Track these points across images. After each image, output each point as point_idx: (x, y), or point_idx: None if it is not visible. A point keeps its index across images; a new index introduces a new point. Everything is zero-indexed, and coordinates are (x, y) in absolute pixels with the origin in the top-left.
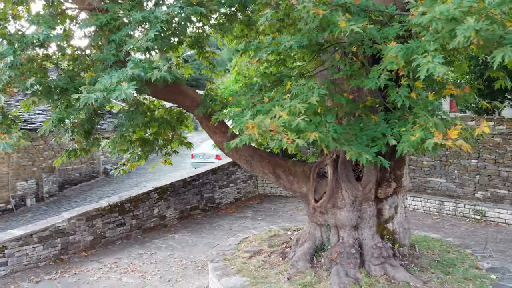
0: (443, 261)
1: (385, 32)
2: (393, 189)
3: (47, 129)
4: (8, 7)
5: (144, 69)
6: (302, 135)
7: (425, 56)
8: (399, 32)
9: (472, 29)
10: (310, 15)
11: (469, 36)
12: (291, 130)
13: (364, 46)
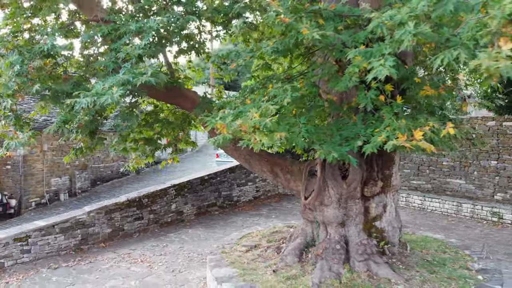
0: (434, 261)
1: (356, 36)
2: (380, 188)
3: (52, 130)
4: (21, 20)
5: (135, 75)
6: (270, 134)
7: (380, 59)
8: (369, 36)
9: (410, 33)
10: (276, 23)
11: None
12: (260, 130)
13: (334, 51)
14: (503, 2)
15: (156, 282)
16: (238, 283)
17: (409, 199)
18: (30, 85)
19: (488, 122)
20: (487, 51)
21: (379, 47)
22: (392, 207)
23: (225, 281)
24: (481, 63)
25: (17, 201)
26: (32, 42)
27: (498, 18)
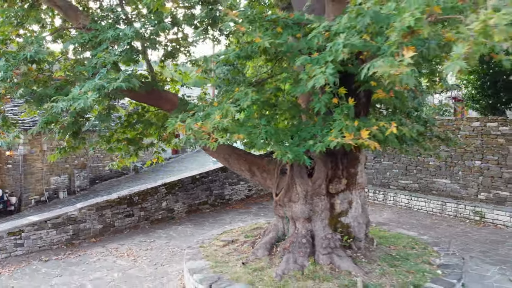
0: (397, 256)
1: (309, 43)
2: (345, 185)
3: (35, 131)
4: (8, 29)
5: (108, 81)
6: (230, 135)
7: (322, 66)
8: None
9: (340, 44)
10: (234, 32)
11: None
12: (218, 130)
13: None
14: (403, 15)
15: (138, 274)
16: (208, 274)
17: (396, 198)
18: (16, 89)
19: (473, 122)
20: (389, 59)
21: (323, 55)
22: (358, 204)
23: (196, 272)
24: (382, 69)
25: (17, 199)
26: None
27: (397, 30)
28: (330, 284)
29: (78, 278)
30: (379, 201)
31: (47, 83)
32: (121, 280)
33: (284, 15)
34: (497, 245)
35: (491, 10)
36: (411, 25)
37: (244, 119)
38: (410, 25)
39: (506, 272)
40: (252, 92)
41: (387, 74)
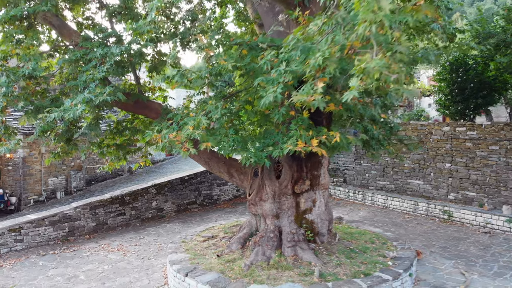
0: (356, 249)
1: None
2: (309, 186)
3: (32, 138)
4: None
5: (96, 95)
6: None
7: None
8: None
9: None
10: (203, 55)
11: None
12: (191, 140)
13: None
14: (316, 55)
15: (126, 266)
16: (185, 265)
17: (374, 198)
18: (16, 102)
19: (443, 127)
20: (305, 90)
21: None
22: (322, 202)
23: (176, 263)
24: (297, 98)
25: (17, 199)
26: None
27: (311, 66)
28: (291, 273)
29: (72, 270)
30: (358, 200)
31: (43, 95)
32: (111, 272)
33: (248, 39)
34: (458, 241)
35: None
36: (320, 63)
37: (216, 129)
38: (319, 63)
39: (459, 266)
40: (222, 106)
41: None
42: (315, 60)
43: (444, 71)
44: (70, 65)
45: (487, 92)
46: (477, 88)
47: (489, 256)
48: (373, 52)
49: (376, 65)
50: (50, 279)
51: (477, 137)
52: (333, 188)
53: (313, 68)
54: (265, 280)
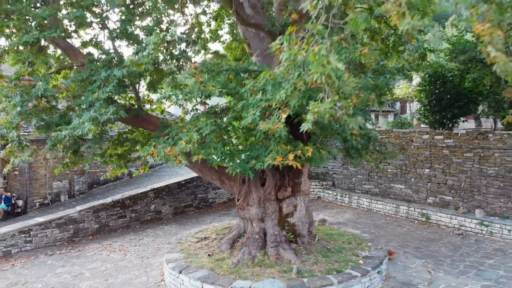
0: (333, 249)
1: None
2: (291, 193)
3: (45, 151)
4: (22, 69)
5: (100, 114)
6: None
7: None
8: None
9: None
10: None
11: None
12: (183, 153)
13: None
14: (281, 92)
15: (127, 265)
16: (180, 263)
17: (359, 201)
18: (29, 120)
19: (423, 135)
20: (270, 120)
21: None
22: (302, 207)
23: (171, 262)
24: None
25: (24, 202)
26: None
27: (276, 100)
28: (272, 270)
29: (77, 268)
30: (345, 203)
31: (52, 111)
32: (113, 269)
33: (235, 65)
34: (432, 242)
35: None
36: (283, 99)
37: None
38: (282, 99)
39: (428, 265)
40: (212, 123)
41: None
42: (279, 96)
43: (424, 82)
44: (77, 84)
45: (463, 103)
46: (454, 99)
47: (458, 256)
48: (326, 94)
49: (325, 108)
50: (58, 276)
51: (454, 145)
52: (322, 191)
53: (277, 102)
54: (249, 276)
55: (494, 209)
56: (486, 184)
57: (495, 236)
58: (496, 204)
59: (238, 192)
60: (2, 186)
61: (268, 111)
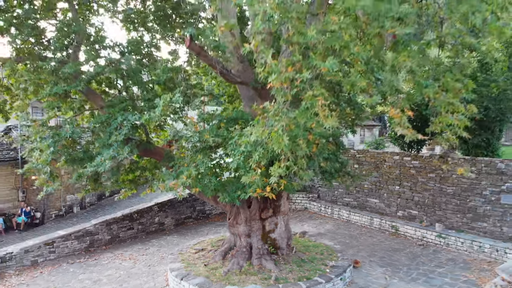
0: (307, 260)
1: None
2: (272, 213)
3: (72, 180)
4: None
5: (117, 153)
6: (192, 189)
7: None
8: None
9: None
10: (192, 131)
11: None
12: (184, 186)
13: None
14: (255, 154)
15: (137, 272)
16: (181, 271)
17: (340, 213)
18: (59, 156)
19: (394, 156)
20: (249, 174)
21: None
22: (282, 225)
23: (174, 270)
24: (244, 179)
25: (41, 214)
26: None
27: (253, 161)
28: (255, 277)
29: (96, 275)
30: (328, 214)
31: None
32: (126, 276)
33: (225, 115)
34: (395, 252)
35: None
36: (257, 159)
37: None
38: (256, 159)
39: (387, 272)
40: (206, 161)
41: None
42: (254, 157)
43: None
44: (97, 125)
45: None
46: (420, 124)
47: (414, 265)
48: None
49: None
50: (81, 282)
51: (419, 166)
52: (309, 202)
53: (253, 161)
54: (237, 282)
55: (451, 223)
56: (445, 201)
57: (451, 247)
58: (454, 219)
59: (229, 212)
60: (22, 200)
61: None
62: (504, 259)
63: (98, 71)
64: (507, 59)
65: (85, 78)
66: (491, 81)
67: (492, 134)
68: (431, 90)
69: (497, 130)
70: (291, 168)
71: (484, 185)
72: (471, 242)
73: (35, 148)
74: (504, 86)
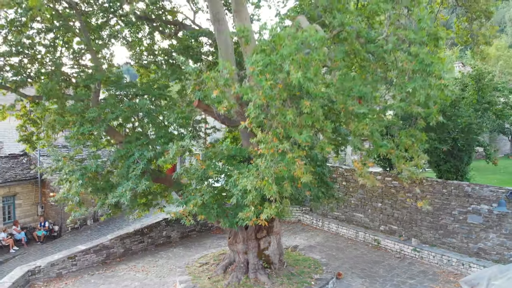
0: (296, 273)
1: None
2: (266, 233)
3: (97, 208)
4: (78, 150)
5: (136, 185)
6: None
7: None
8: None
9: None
10: (198, 168)
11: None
12: (190, 213)
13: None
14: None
15: (149, 283)
16: (189, 284)
17: (329, 226)
18: (86, 187)
19: (377, 176)
20: (244, 209)
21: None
22: (274, 243)
23: (183, 282)
24: (241, 215)
25: (59, 227)
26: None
27: (247, 199)
28: None
29: (114, 285)
30: (319, 227)
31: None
32: (140, 286)
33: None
34: (375, 264)
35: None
36: (251, 200)
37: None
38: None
39: (365, 283)
40: (209, 193)
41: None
42: (249, 198)
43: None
44: (117, 159)
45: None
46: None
47: (390, 276)
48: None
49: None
50: None
51: (399, 186)
52: (302, 215)
53: (248, 201)
54: None
55: (426, 238)
56: (421, 218)
57: (424, 260)
58: (428, 235)
59: (229, 232)
60: (41, 214)
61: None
62: (468, 272)
63: (118, 115)
64: (476, 93)
65: (107, 119)
66: (458, 116)
67: (460, 161)
68: (384, 148)
69: (465, 158)
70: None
71: (454, 206)
72: (441, 256)
73: (65, 180)
74: (469, 120)
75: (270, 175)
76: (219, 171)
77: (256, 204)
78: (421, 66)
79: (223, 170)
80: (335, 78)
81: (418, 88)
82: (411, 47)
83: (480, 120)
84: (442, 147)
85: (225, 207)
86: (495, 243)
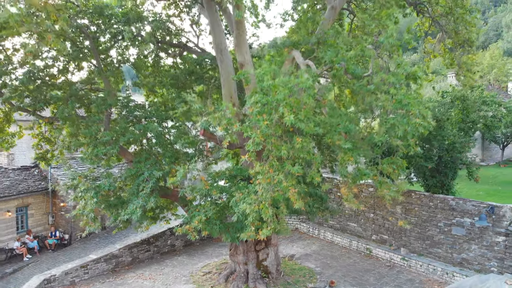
0: (292, 282)
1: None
2: (264, 245)
3: (111, 223)
4: (92, 169)
5: (145, 202)
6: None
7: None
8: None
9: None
10: (203, 187)
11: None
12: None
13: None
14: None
15: None
16: None
17: (325, 234)
18: (100, 204)
19: (370, 188)
20: (247, 229)
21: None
22: (272, 254)
23: None
24: (242, 235)
25: (69, 235)
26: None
27: (248, 220)
28: None
29: None
30: (315, 235)
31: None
32: None
33: (228, 174)
34: (366, 272)
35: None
36: (251, 221)
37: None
38: (250, 221)
39: None
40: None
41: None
42: (249, 219)
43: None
44: (128, 177)
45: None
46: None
47: (379, 284)
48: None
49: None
50: None
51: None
52: (299, 223)
53: (248, 222)
54: None
55: (414, 248)
56: (409, 229)
57: (412, 269)
58: (416, 244)
59: (230, 244)
60: (52, 224)
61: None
62: (452, 280)
63: (129, 138)
64: (461, 112)
65: (119, 141)
66: (443, 136)
67: (446, 176)
68: (367, 176)
69: (450, 174)
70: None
71: (439, 218)
72: (427, 265)
73: (80, 197)
74: (454, 139)
75: (266, 200)
76: (222, 190)
77: (256, 225)
78: (400, 105)
79: (225, 189)
80: (325, 112)
81: (397, 124)
82: (390, 89)
83: (464, 140)
84: (428, 165)
85: (227, 223)
86: (477, 254)
